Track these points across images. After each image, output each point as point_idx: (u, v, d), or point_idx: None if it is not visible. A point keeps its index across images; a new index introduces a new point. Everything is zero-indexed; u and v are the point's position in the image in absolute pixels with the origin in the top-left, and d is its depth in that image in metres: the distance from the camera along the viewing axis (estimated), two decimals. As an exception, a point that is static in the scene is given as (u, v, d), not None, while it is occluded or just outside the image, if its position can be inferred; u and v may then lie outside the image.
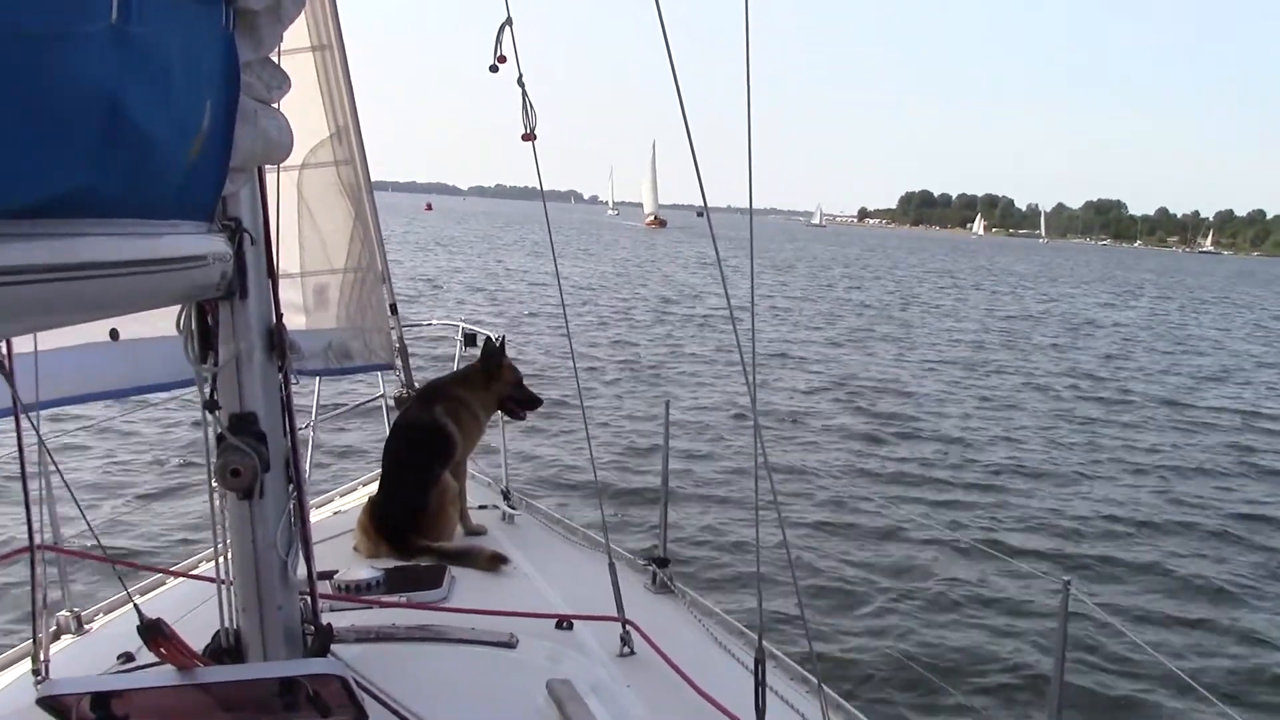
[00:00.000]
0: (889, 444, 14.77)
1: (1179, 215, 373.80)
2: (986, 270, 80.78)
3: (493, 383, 4.69)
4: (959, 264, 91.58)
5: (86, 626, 3.86)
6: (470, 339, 6.12)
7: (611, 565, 3.64)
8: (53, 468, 3.51)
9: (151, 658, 2.17)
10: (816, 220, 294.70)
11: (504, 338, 4.89)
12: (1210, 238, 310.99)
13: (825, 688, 3.01)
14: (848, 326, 30.41)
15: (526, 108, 3.69)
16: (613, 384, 18.19)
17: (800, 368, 20.99)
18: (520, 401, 4.81)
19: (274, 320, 2.32)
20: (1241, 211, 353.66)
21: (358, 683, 2.20)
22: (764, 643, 2.78)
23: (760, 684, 2.62)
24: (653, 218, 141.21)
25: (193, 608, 3.16)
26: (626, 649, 3.43)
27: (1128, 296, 56.73)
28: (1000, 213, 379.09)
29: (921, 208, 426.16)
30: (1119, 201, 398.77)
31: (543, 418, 13.63)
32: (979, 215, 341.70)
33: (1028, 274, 78.15)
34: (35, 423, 2.77)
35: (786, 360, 21.66)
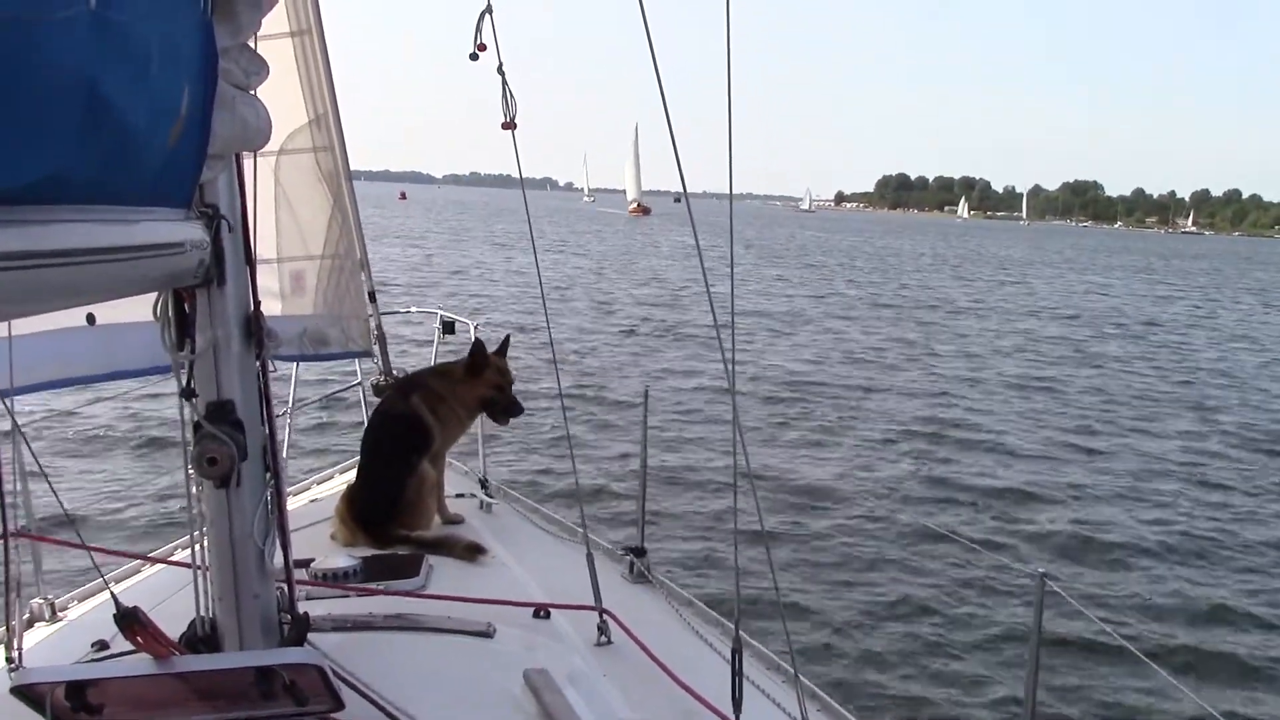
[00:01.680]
0: (870, 437, 14.85)
1: (1155, 195, 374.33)
2: (984, 255, 78.69)
3: (474, 381, 4.58)
4: (958, 249, 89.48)
5: (61, 614, 3.83)
6: (449, 327, 6.10)
7: (589, 554, 3.64)
8: (27, 453, 3.49)
9: (126, 645, 2.17)
10: (806, 205, 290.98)
11: (508, 337, 4.82)
12: (1191, 218, 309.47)
13: (801, 677, 3.02)
14: (868, 332, 27.25)
15: (506, 96, 3.68)
16: (592, 375, 18.20)
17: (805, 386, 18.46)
18: (501, 406, 4.66)
19: (252, 308, 2.31)
20: (1217, 191, 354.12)
21: (334, 672, 2.20)
22: (740, 632, 2.79)
23: (737, 674, 2.63)
24: (636, 205, 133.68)
25: (168, 595, 3.15)
26: (604, 638, 3.43)
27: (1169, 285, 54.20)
28: (978, 195, 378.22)
29: (899, 191, 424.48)
30: (1095, 182, 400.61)
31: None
32: (964, 199, 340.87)
33: (1035, 260, 76.54)
34: (10, 408, 2.75)
35: (789, 379, 19.05)
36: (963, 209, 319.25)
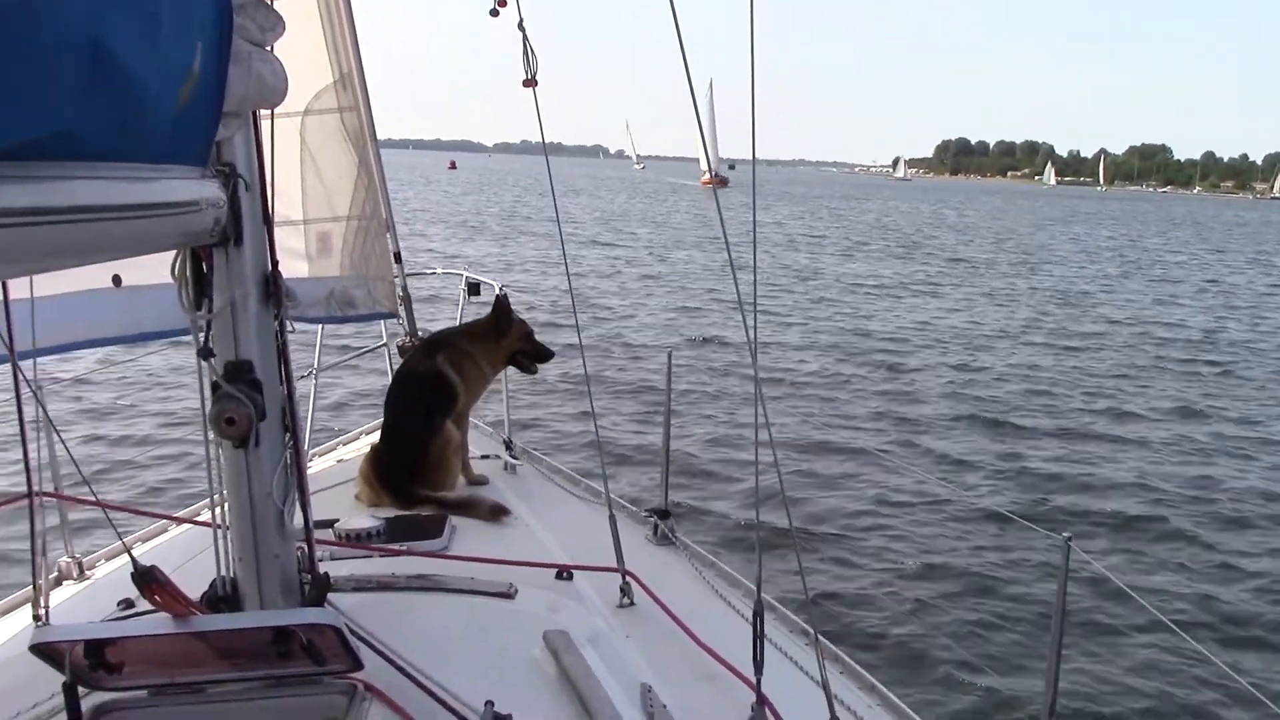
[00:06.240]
0: (893, 399, 14.81)
1: (1225, 159, 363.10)
2: (1178, 241, 61.71)
3: (503, 338, 4.67)
4: (1118, 229, 71.11)
5: (88, 572, 3.87)
6: (474, 288, 6.09)
7: (611, 516, 3.63)
8: (52, 414, 3.51)
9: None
10: (901, 173, 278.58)
11: (505, 294, 4.86)
12: (1278, 182, 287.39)
13: (822, 638, 3.01)
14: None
15: (527, 52, 3.65)
16: (616, 339, 18.20)
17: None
18: (531, 355, 4.78)
19: (270, 267, 2.30)
20: None
21: (353, 631, 2.20)
22: (762, 595, 2.78)
23: (758, 636, 2.62)
24: (712, 174, 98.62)
25: (193, 555, 3.17)
26: (626, 600, 3.43)
27: None
28: (1041, 160, 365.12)
29: (959, 156, 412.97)
30: (1164, 146, 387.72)
31: (544, 368, 13.61)
32: (1049, 165, 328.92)
33: (1236, 248, 57.95)
34: (33, 370, 2.76)
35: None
36: (1049, 176, 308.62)
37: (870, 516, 9.70)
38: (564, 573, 3.50)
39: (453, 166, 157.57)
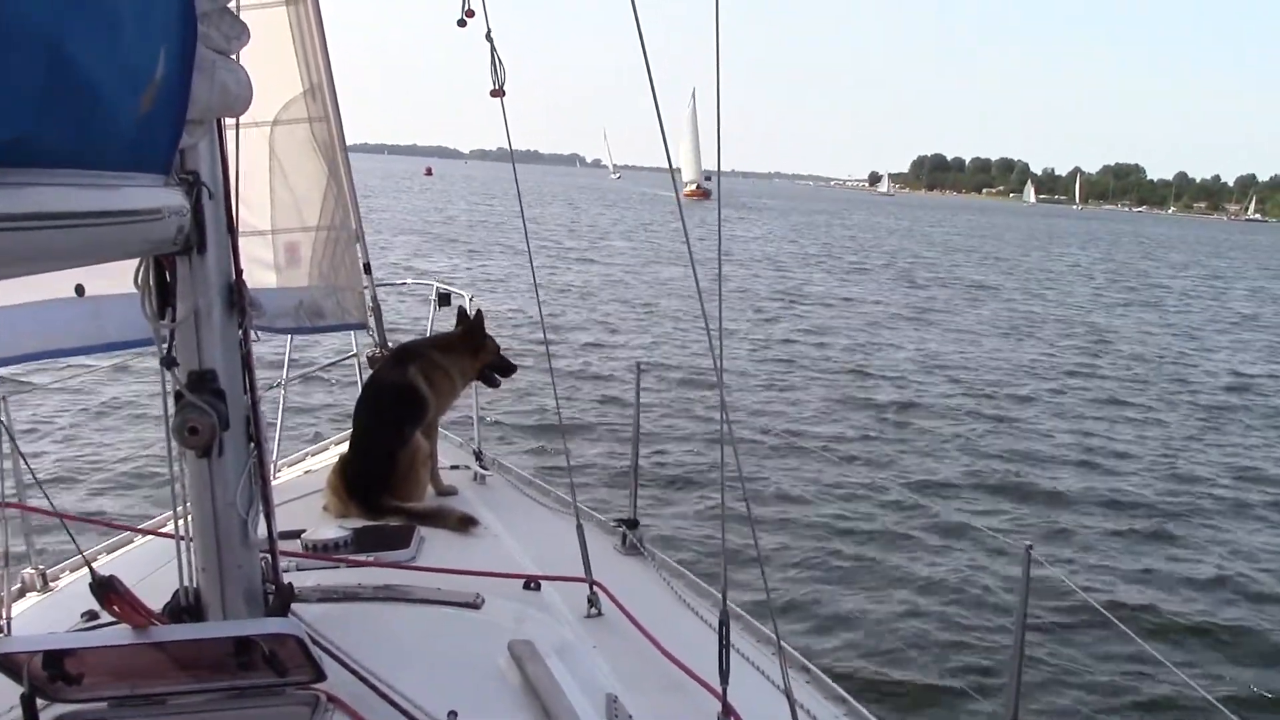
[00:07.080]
0: (858, 407, 14.93)
1: (1198, 179, 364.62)
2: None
3: (478, 352, 4.74)
4: (1100, 249, 68.41)
5: (52, 584, 3.83)
6: (445, 299, 6.09)
7: (579, 526, 3.63)
8: (17, 427, 3.48)
9: None
10: (884, 189, 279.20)
11: (480, 311, 4.90)
12: (1252, 205, 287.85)
13: (786, 646, 3.02)
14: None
15: (495, 63, 3.66)
16: (583, 348, 18.18)
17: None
18: (498, 368, 4.85)
19: (234, 276, 2.29)
20: (1264, 176, 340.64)
21: (316, 642, 2.19)
22: (728, 604, 2.79)
23: (724, 645, 2.63)
24: (695, 186, 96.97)
25: (158, 566, 3.14)
26: (594, 610, 3.43)
27: None
28: (1018, 177, 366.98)
29: (935, 171, 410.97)
30: (1138, 165, 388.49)
31: (513, 378, 13.55)
32: (1029, 183, 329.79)
33: None
34: None
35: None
36: (1029, 194, 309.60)
37: (836, 527, 9.75)
38: (531, 583, 3.49)
39: (429, 173, 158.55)
